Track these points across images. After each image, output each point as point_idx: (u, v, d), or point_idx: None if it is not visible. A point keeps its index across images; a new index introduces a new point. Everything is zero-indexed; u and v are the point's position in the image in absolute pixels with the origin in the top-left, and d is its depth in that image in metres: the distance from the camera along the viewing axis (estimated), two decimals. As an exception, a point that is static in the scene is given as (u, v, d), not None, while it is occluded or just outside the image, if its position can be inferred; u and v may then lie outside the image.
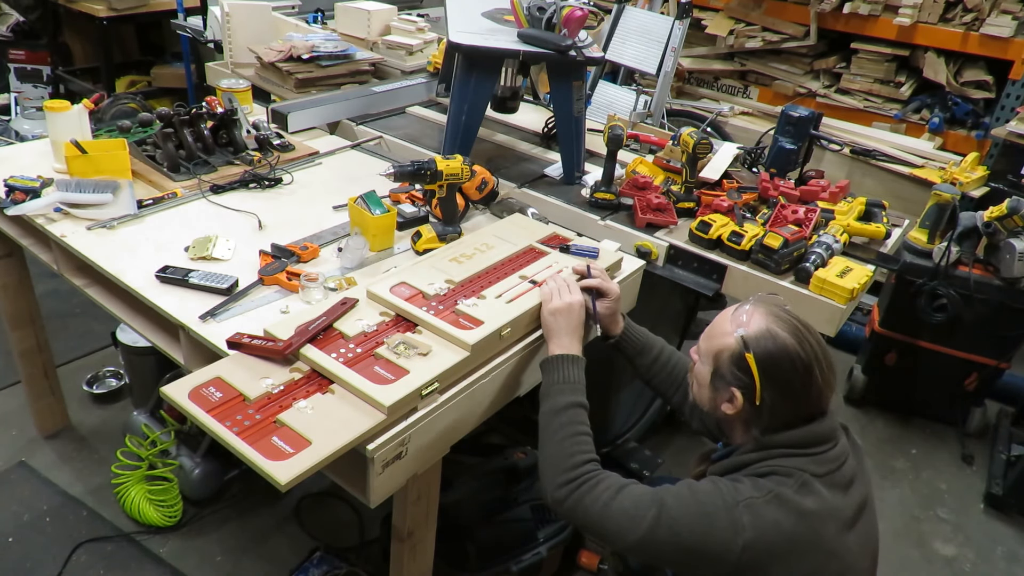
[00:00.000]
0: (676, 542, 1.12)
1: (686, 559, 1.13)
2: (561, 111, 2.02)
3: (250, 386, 1.19)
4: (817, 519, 1.12)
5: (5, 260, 2.11)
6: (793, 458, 1.16)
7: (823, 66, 3.69)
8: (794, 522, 1.11)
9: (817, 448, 1.17)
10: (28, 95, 4.48)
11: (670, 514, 1.13)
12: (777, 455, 1.17)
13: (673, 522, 1.13)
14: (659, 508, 1.14)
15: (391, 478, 1.22)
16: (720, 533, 1.10)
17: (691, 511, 1.13)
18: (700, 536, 1.11)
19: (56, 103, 1.92)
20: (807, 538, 1.12)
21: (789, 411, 1.17)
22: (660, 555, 1.15)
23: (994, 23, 3.12)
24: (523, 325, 1.44)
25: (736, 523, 1.10)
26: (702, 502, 1.13)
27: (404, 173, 1.63)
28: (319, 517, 2.26)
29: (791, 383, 1.15)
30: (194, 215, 1.79)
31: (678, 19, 2.63)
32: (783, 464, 1.15)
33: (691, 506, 1.14)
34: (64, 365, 2.72)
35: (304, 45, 2.60)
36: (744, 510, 1.11)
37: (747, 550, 1.09)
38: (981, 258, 2.53)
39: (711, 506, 1.12)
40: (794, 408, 1.17)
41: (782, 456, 1.16)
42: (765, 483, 1.14)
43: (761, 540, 1.09)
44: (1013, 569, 2.35)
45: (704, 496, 1.14)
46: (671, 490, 1.17)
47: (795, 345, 1.15)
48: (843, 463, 1.19)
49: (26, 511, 2.17)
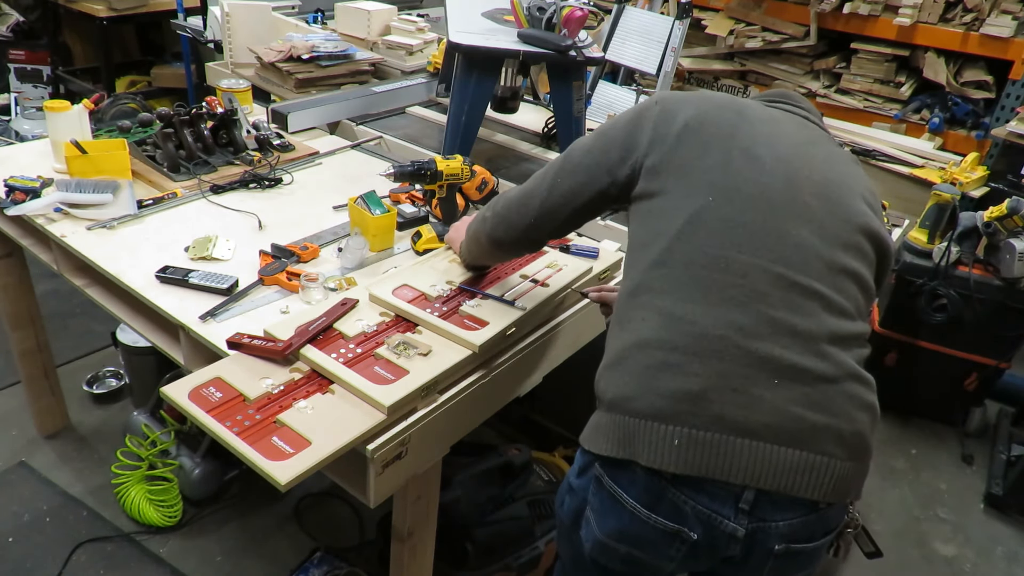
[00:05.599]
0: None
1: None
2: (561, 111, 2.02)
3: (250, 386, 1.19)
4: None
5: (5, 260, 2.11)
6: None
7: (823, 66, 3.69)
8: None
9: None
10: (28, 95, 4.48)
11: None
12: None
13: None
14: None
15: (391, 478, 1.22)
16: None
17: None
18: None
19: (56, 103, 1.92)
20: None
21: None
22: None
23: (994, 23, 3.12)
24: (526, 324, 1.44)
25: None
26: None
27: (404, 173, 1.63)
28: (319, 517, 2.26)
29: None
30: (194, 215, 1.79)
31: (678, 19, 2.63)
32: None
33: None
34: (64, 365, 2.71)
35: (304, 45, 2.60)
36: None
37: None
38: (981, 258, 2.53)
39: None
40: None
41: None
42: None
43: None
44: (1013, 569, 2.35)
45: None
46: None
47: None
48: None
49: (26, 511, 2.17)
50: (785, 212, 1.07)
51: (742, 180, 1.08)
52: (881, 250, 1.15)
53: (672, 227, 1.08)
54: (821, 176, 1.12)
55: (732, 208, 1.06)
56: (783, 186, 1.08)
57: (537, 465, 2.14)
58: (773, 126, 1.16)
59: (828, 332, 1.03)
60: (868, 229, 1.12)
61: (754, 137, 1.12)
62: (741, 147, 1.10)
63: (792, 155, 1.12)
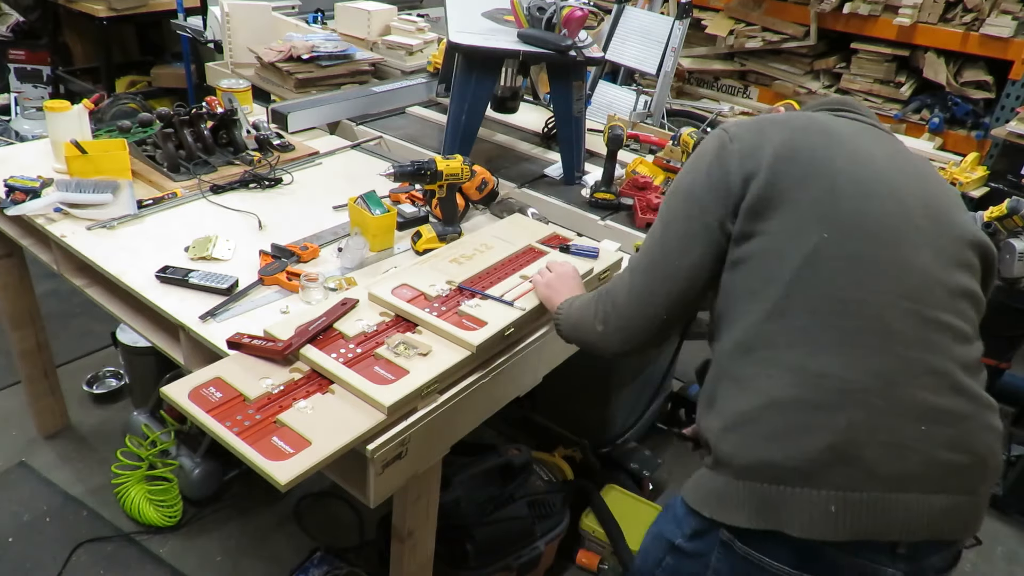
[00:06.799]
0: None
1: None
2: (561, 111, 2.02)
3: (250, 386, 1.19)
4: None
5: (5, 260, 2.11)
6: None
7: (823, 66, 3.69)
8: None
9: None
10: (28, 95, 4.47)
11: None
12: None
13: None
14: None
15: (391, 478, 1.22)
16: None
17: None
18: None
19: (56, 103, 1.92)
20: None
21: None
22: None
23: (994, 23, 3.12)
24: (525, 325, 1.44)
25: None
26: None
27: (404, 173, 1.63)
28: (319, 517, 2.26)
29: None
30: (194, 215, 1.79)
31: (678, 19, 2.63)
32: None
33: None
34: (64, 365, 2.71)
35: (304, 45, 2.60)
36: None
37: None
38: (981, 258, 2.53)
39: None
40: None
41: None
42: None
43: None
44: (1013, 569, 2.35)
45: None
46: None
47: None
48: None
49: (26, 511, 2.17)
50: (904, 240, 1.00)
51: (854, 209, 1.00)
52: (987, 259, 1.10)
53: (785, 271, 0.99)
54: (923, 192, 1.05)
55: (851, 243, 0.99)
56: (895, 210, 1.01)
57: (537, 465, 2.14)
58: (861, 141, 1.08)
59: (960, 363, 0.99)
60: (976, 241, 1.07)
61: (852, 158, 1.04)
62: (843, 171, 1.02)
63: (890, 173, 1.05)
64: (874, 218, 1.00)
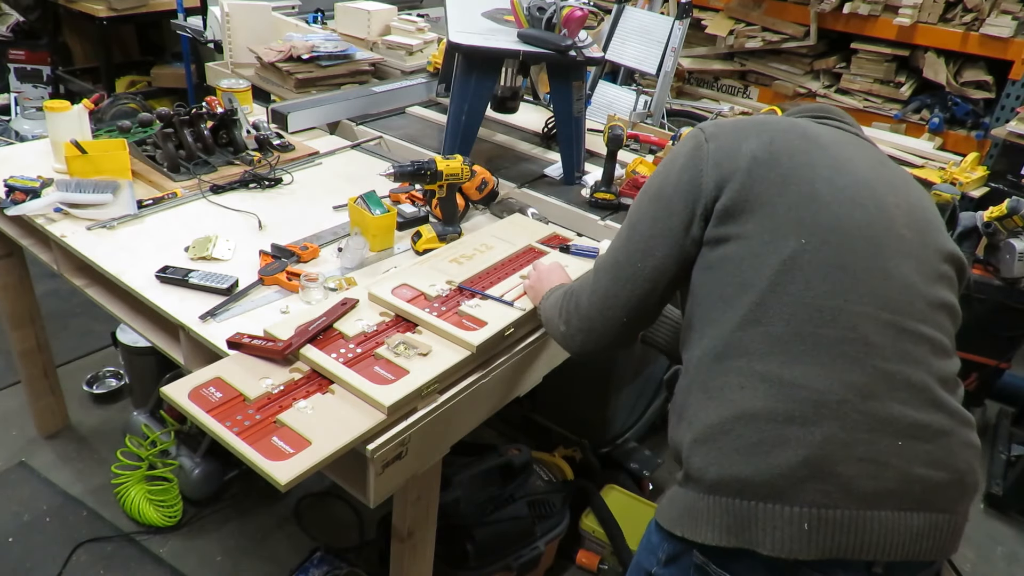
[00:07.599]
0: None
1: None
2: (561, 111, 2.02)
3: (250, 386, 1.19)
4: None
5: (5, 260, 2.11)
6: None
7: (823, 66, 3.69)
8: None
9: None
10: (28, 95, 4.48)
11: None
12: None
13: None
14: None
15: (391, 478, 1.22)
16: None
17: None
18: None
19: (56, 103, 1.92)
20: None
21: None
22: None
23: (994, 23, 3.12)
24: (525, 325, 1.44)
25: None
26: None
27: (404, 173, 1.63)
28: (319, 517, 2.26)
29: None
30: (194, 215, 1.79)
31: (678, 19, 2.63)
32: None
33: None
34: (64, 365, 2.71)
35: (304, 45, 2.60)
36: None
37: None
38: (981, 258, 2.53)
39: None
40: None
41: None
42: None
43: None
44: (1013, 569, 2.35)
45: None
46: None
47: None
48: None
49: (26, 511, 2.17)
50: (886, 249, 0.97)
51: (834, 216, 0.97)
52: (962, 273, 1.07)
53: (762, 277, 0.96)
54: (906, 202, 1.03)
55: (831, 250, 0.96)
56: (877, 219, 0.99)
57: (537, 465, 2.14)
58: (843, 149, 1.06)
59: (937, 377, 0.97)
60: (953, 255, 1.05)
61: (833, 165, 1.01)
62: (823, 177, 0.99)
63: (873, 181, 1.02)
64: (855, 226, 0.97)
